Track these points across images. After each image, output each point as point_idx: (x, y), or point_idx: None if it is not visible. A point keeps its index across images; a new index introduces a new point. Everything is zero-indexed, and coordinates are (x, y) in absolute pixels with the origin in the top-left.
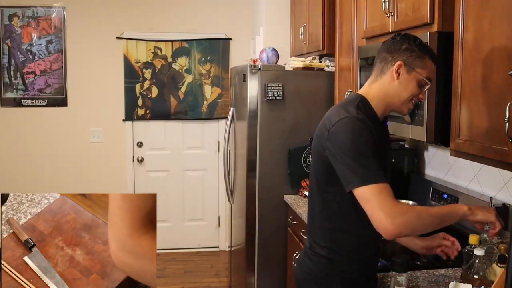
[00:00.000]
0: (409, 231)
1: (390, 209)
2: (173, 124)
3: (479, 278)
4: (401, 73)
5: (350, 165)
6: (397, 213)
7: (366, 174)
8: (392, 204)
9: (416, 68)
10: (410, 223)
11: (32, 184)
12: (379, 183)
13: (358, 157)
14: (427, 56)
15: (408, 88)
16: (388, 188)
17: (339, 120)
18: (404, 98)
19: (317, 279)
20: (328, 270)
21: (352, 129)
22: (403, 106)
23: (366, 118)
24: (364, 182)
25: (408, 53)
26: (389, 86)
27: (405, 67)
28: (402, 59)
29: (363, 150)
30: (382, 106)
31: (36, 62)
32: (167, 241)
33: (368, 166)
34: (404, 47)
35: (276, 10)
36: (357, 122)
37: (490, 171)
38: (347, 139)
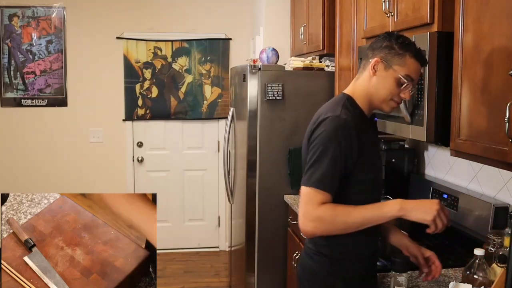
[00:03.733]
0: (323, 234)
1: (310, 212)
2: (173, 124)
3: (479, 278)
4: (378, 69)
5: (314, 163)
6: (313, 218)
7: (316, 176)
8: (312, 208)
9: (394, 65)
10: (323, 228)
11: (32, 184)
12: (318, 189)
13: (322, 159)
14: (407, 54)
15: (385, 85)
16: (323, 196)
17: (323, 120)
18: (382, 95)
19: (319, 278)
20: (329, 269)
21: (334, 130)
22: (383, 104)
23: (353, 117)
24: (314, 183)
25: (387, 50)
26: (368, 83)
27: (382, 63)
28: (380, 55)
29: (330, 154)
30: (366, 103)
31: (36, 62)
32: (167, 241)
33: (322, 170)
34: (384, 45)
35: (276, 10)
36: (339, 123)
37: (490, 171)
38: (325, 139)
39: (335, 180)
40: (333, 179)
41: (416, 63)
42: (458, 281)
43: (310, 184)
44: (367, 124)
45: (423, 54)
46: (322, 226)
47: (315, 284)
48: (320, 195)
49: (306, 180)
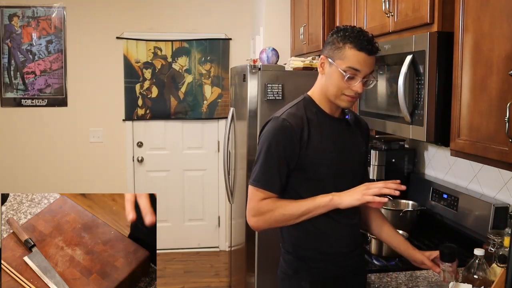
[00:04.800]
0: (265, 227)
1: (252, 208)
2: (173, 124)
3: (479, 278)
4: (325, 67)
5: (256, 162)
6: (255, 213)
7: (260, 176)
8: (254, 204)
9: (336, 60)
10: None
11: (32, 184)
12: (259, 188)
13: (263, 159)
14: (346, 46)
15: (332, 82)
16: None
17: (268, 121)
18: (332, 92)
19: (289, 277)
20: (296, 268)
21: (271, 132)
22: (337, 100)
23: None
24: (254, 182)
25: (329, 47)
26: (320, 81)
27: (327, 60)
28: (325, 53)
29: (270, 155)
30: (325, 101)
31: (36, 62)
32: (167, 241)
33: (263, 170)
34: (328, 41)
35: (276, 10)
36: (278, 125)
37: (490, 171)
38: (264, 140)
39: (274, 178)
40: (271, 177)
41: (359, 53)
42: (458, 281)
43: (250, 183)
44: (329, 122)
45: (368, 42)
46: (262, 219)
47: (285, 284)
48: (260, 192)
49: (251, 179)
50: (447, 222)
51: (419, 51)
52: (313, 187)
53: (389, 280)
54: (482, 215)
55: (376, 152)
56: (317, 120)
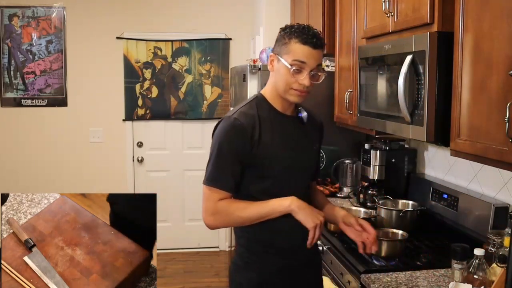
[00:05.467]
0: (221, 226)
1: (208, 208)
2: (173, 124)
3: (479, 278)
4: (274, 64)
5: (209, 162)
6: (211, 212)
7: (212, 175)
8: (210, 204)
9: (282, 55)
10: (221, 222)
11: (32, 184)
12: (213, 187)
13: (215, 159)
14: (292, 40)
15: (281, 77)
16: (219, 193)
17: (220, 121)
18: (281, 87)
19: (238, 270)
20: (246, 260)
21: (222, 131)
22: (287, 95)
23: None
24: (207, 181)
25: (277, 44)
26: (272, 79)
27: (275, 57)
28: (273, 51)
29: (221, 155)
30: (278, 99)
31: (36, 62)
32: (167, 241)
33: (216, 169)
34: (276, 39)
35: (276, 10)
36: (229, 125)
37: (490, 171)
38: (216, 140)
39: (227, 177)
40: (224, 176)
41: (304, 47)
42: (458, 281)
43: (204, 183)
44: (281, 119)
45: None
46: (219, 219)
47: (236, 276)
48: (214, 192)
49: (204, 179)
50: (447, 222)
51: (419, 51)
52: (266, 184)
53: (389, 280)
54: (482, 215)
55: (376, 152)
56: (269, 118)
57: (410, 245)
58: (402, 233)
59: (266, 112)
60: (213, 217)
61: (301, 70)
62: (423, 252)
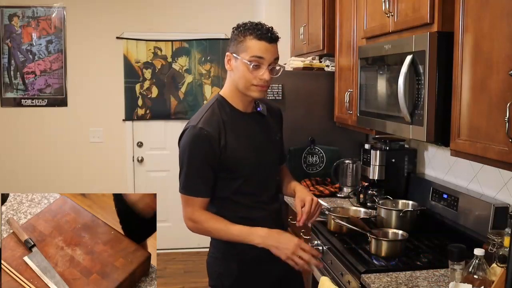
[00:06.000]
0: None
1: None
2: (173, 124)
3: (479, 278)
4: (231, 63)
5: (182, 172)
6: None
7: (187, 184)
8: (191, 212)
9: (240, 54)
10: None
11: (32, 184)
12: (189, 195)
13: (187, 169)
14: (247, 37)
15: (240, 75)
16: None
17: (186, 130)
18: (242, 84)
19: (217, 260)
20: (225, 251)
21: (190, 141)
22: (249, 92)
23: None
24: (182, 190)
25: (232, 43)
26: (231, 78)
27: (232, 56)
28: (229, 50)
29: (192, 164)
30: (238, 98)
31: (36, 62)
32: (167, 241)
33: (190, 178)
34: (230, 38)
35: (276, 10)
36: (195, 134)
37: (490, 171)
38: (184, 150)
39: (200, 185)
40: (197, 184)
41: (260, 42)
42: (458, 281)
43: (180, 191)
44: (241, 119)
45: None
46: (196, 227)
47: (214, 266)
48: (191, 199)
49: (180, 188)
50: (447, 222)
51: (419, 51)
52: (237, 184)
53: (389, 280)
54: (482, 215)
55: (376, 152)
56: (232, 120)
57: (410, 245)
58: (402, 233)
59: (229, 114)
60: (192, 224)
61: (260, 65)
62: (423, 252)
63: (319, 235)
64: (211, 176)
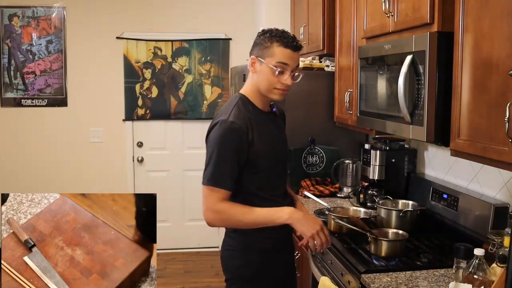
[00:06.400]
0: (221, 226)
1: (210, 205)
2: (173, 124)
3: (479, 278)
4: (255, 66)
5: (208, 164)
6: (213, 210)
7: (213, 176)
8: (214, 203)
9: (265, 58)
10: (220, 221)
11: (32, 184)
12: (215, 187)
13: (215, 160)
14: (274, 44)
15: (264, 78)
16: (221, 192)
17: (215, 124)
18: (265, 87)
19: (236, 252)
20: (245, 242)
21: (222, 134)
22: (270, 94)
23: (244, 116)
24: (208, 181)
25: (257, 48)
26: (253, 80)
27: (257, 60)
28: (254, 54)
29: (222, 156)
30: (259, 98)
31: (36, 62)
32: (167, 241)
33: (218, 170)
34: (255, 42)
35: (276, 10)
36: (227, 127)
37: (490, 171)
38: (215, 143)
39: (227, 177)
40: (224, 176)
41: (285, 50)
42: (458, 281)
43: (204, 183)
44: (261, 118)
45: (294, 40)
46: (219, 218)
47: (234, 259)
48: (215, 192)
49: (205, 180)
50: (447, 222)
51: (419, 51)
52: (257, 178)
53: (389, 280)
54: (482, 215)
55: (376, 152)
56: (255, 117)
57: (410, 245)
58: (402, 233)
59: (251, 112)
60: (214, 216)
61: (283, 71)
62: (423, 252)
63: None
64: (237, 171)
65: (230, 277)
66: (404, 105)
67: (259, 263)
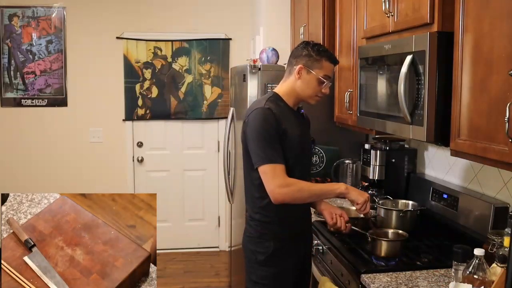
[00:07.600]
0: (291, 200)
1: (279, 181)
2: (173, 124)
3: (479, 278)
4: (302, 74)
5: (257, 147)
6: (283, 185)
7: (267, 155)
8: (281, 178)
9: (314, 69)
10: (291, 194)
11: (32, 184)
12: (274, 163)
13: (263, 142)
14: (323, 59)
15: (310, 85)
16: (281, 167)
17: (252, 112)
18: (308, 93)
19: (254, 239)
20: (262, 231)
21: (261, 118)
22: (309, 99)
23: (275, 108)
24: (264, 162)
25: (307, 58)
26: (295, 84)
27: (305, 69)
28: (302, 62)
29: (267, 136)
30: (292, 99)
31: (36, 62)
32: (167, 241)
33: (269, 149)
34: (304, 53)
35: (276, 10)
36: (264, 112)
37: (490, 171)
38: (257, 126)
39: (278, 154)
40: (277, 152)
41: (331, 65)
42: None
43: (266, 162)
44: (291, 115)
45: (335, 57)
46: (292, 192)
47: (252, 245)
48: (278, 168)
49: (260, 162)
50: (447, 222)
51: (419, 51)
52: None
53: (389, 280)
54: (482, 215)
55: (376, 152)
56: (286, 112)
57: (410, 245)
58: (402, 233)
59: (282, 107)
60: (286, 190)
61: (325, 82)
62: (423, 252)
63: (319, 235)
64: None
65: (248, 260)
66: (404, 105)
67: (273, 249)
